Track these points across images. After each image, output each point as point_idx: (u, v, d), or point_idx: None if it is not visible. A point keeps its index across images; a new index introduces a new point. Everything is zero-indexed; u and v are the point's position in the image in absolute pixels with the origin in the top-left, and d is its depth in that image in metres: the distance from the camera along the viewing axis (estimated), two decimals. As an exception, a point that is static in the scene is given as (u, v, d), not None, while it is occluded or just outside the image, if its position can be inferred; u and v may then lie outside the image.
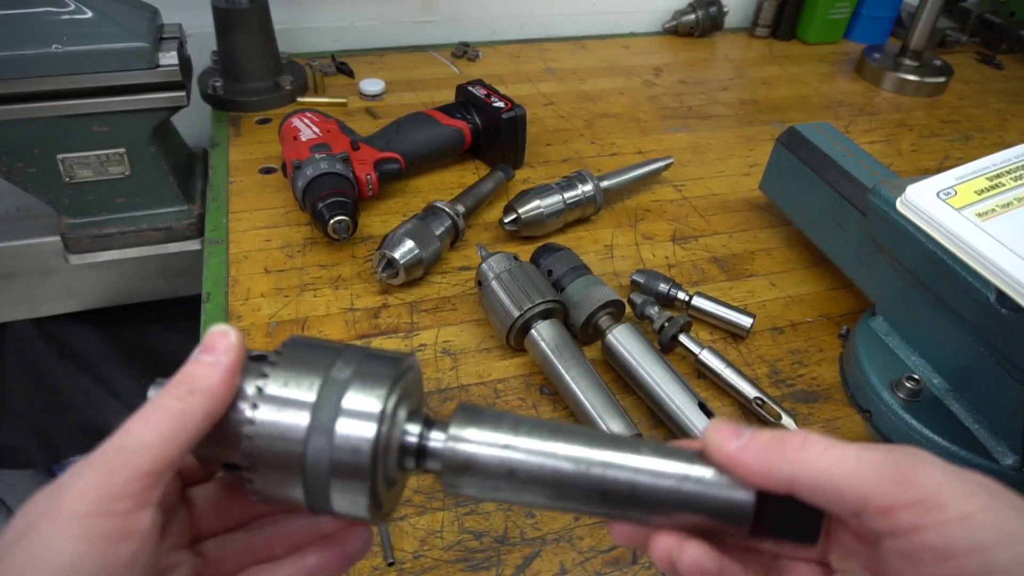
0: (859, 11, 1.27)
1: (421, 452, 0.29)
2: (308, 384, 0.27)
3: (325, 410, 0.27)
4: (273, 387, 0.27)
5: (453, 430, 0.28)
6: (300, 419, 0.27)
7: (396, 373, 0.28)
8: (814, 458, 0.26)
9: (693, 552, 0.27)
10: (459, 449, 0.28)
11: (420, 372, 0.32)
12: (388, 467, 0.29)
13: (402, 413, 0.29)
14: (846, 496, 0.25)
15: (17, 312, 0.97)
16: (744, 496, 0.27)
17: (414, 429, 0.29)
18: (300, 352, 0.29)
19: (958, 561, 0.23)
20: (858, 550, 0.28)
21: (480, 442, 0.28)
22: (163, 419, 0.25)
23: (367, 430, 0.27)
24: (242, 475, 0.28)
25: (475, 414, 0.29)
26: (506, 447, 0.28)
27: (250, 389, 0.28)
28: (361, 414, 0.27)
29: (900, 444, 0.26)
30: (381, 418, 0.27)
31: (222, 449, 0.28)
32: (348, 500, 0.28)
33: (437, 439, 0.29)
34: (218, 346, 0.27)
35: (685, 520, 0.28)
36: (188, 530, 0.30)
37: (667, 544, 0.28)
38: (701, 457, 0.28)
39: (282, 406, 0.27)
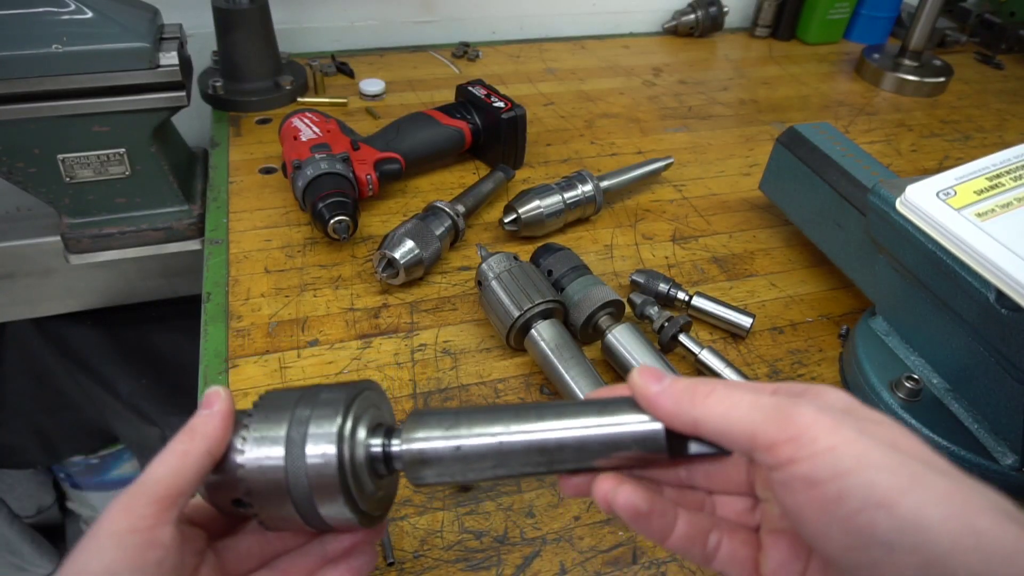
0: (859, 11, 1.27)
1: (387, 458, 0.34)
2: (278, 424, 0.33)
3: (295, 441, 0.32)
4: (253, 432, 0.33)
5: (405, 434, 0.33)
6: (277, 452, 0.33)
7: (348, 399, 0.34)
8: (714, 403, 0.29)
9: (626, 494, 0.31)
10: (413, 448, 0.33)
11: (381, 392, 0.37)
12: (360, 477, 0.33)
13: (362, 429, 0.34)
14: (737, 437, 0.28)
15: (17, 312, 0.97)
16: (656, 426, 0.31)
17: (376, 440, 0.34)
18: (271, 401, 0.35)
19: (821, 488, 0.25)
20: None
21: (428, 437, 0.33)
22: (172, 458, 0.32)
23: (328, 450, 0.32)
24: (249, 510, 0.34)
25: (422, 416, 0.34)
26: (448, 436, 0.33)
27: (237, 441, 0.34)
28: (322, 437, 0.32)
29: (797, 383, 0.29)
30: (339, 438, 0.32)
31: (228, 492, 0.34)
32: (334, 512, 0.33)
33: (396, 444, 0.34)
34: (214, 402, 0.34)
35: (616, 459, 0.31)
36: (204, 537, 0.35)
37: (605, 488, 0.31)
38: (624, 403, 0.32)
39: (261, 444, 0.33)
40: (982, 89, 1.17)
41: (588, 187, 0.75)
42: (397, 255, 0.64)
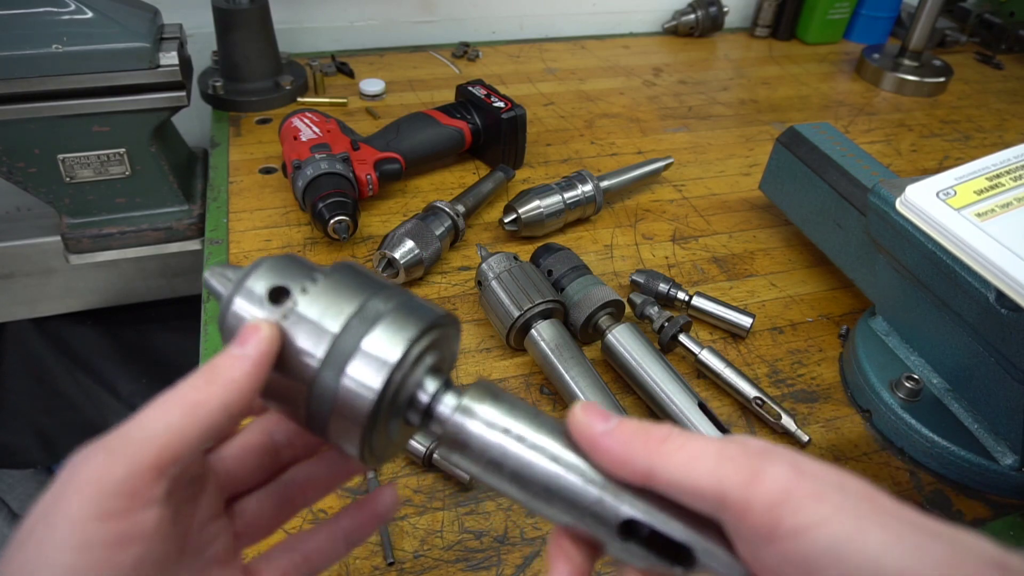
0: (859, 11, 1.27)
1: (428, 412, 0.28)
2: (340, 309, 0.27)
3: (343, 345, 0.26)
4: (304, 305, 0.27)
5: (464, 400, 0.27)
6: (319, 347, 0.26)
7: (428, 323, 0.27)
8: (673, 452, 0.25)
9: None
10: (465, 424, 0.27)
11: (459, 333, 0.31)
12: (392, 416, 0.28)
13: (423, 366, 0.28)
14: (704, 492, 0.24)
15: (17, 312, 0.97)
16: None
17: (430, 388, 0.28)
18: (345, 278, 0.28)
19: (817, 573, 0.22)
20: None
21: (487, 422, 0.27)
22: (175, 409, 0.24)
23: (374, 382, 0.26)
24: None
25: (493, 393, 0.28)
26: (507, 435, 0.27)
27: (288, 301, 0.27)
28: (375, 360, 0.26)
29: (752, 439, 0.25)
30: (396, 367, 0.26)
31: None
32: (342, 437, 0.27)
33: (447, 405, 0.28)
34: (249, 339, 0.26)
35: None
36: (220, 496, 0.29)
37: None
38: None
39: (303, 324, 0.27)
40: (982, 89, 1.17)
41: (588, 187, 0.75)
42: (397, 255, 0.64)
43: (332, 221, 0.67)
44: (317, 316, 0.27)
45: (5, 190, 0.88)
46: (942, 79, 1.12)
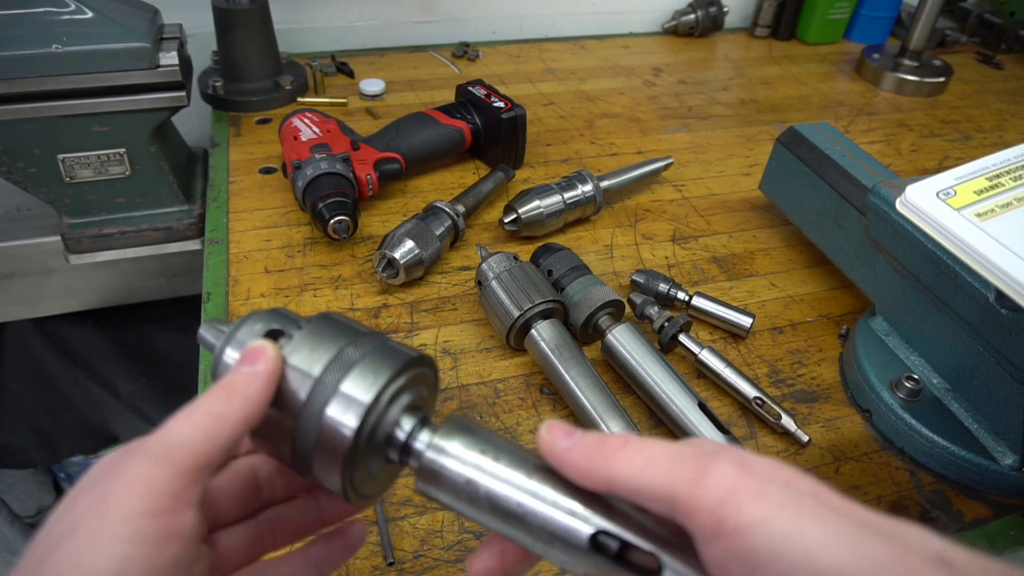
0: (859, 11, 1.27)
1: (405, 449, 0.30)
2: (320, 355, 0.29)
3: (323, 389, 0.28)
4: (288, 352, 0.29)
5: (437, 437, 0.29)
6: (301, 390, 0.29)
7: (400, 366, 0.29)
8: (629, 458, 0.26)
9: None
10: (436, 459, 0.29)
11: (436, 373, 0.33)
12: (369, 455, 0.30)
13: (397, 406, 0.30)
14: (658, 495, 0.25)
15: (17, 312, 0.97)
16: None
17: (406, 424, 0.30)
18: (325, 326, 0.31)
19: (759, 570, 0.23)
20: None
21: (458, 457, 0.29)
22: (204, 420, 0.27)
23: (351, 420, 0.28)
24: None
25: (463, 428, 0.30)
26: (477, 469, 0.28)
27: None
28: (352, 401, 0.28)
29: (708, 441, 0.26)
30: (369, 408, 0.28)
31: None
32: (325, 473, 0.29)
33: (422, 441, 0.30)
34: (258, 359, 0.29)
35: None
36: (206, 523, 0.30)
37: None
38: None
39: (291, 373, 0.29)
40: (982, 89, 1.17)
41: (588, 187, 0.75)
42: (397, 255, 0.64)
43: (332, 221, 0.67)
44: (299, 362, 0.29)
45: (5, 190, 0.88)
46: (942, 79, 1.12)
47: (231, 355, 0.31)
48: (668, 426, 0.55)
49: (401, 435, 0.30)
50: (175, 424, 0.27)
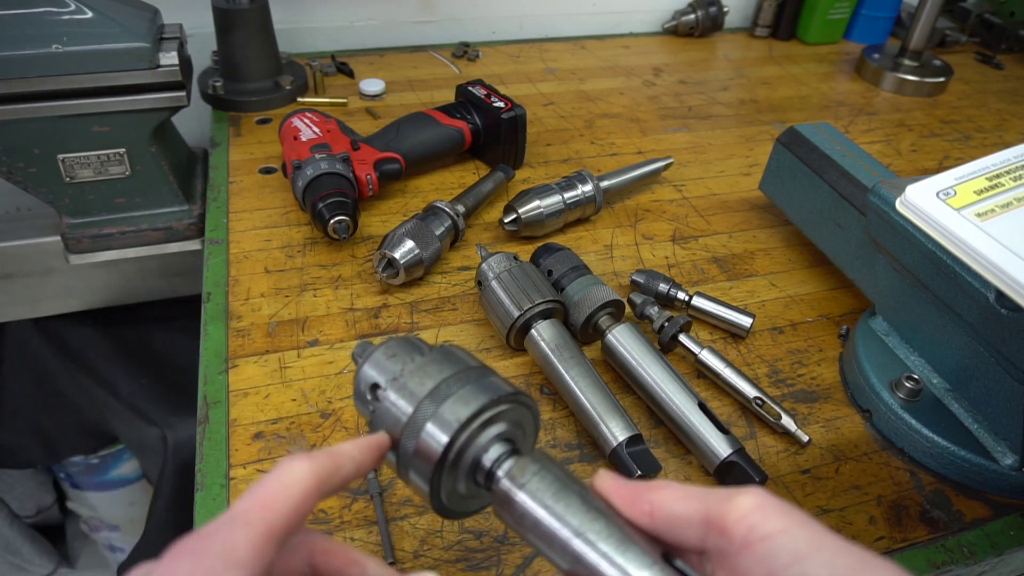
0: (859, 11, 1.27)
1: (489, 474, 0.34)
2: (427, 383, 0.34)
3: (426, 407, 0.33)
4: (407, 374, 0.35)
5: (517, 465, 0.33)
6: (407, 408, 0.34)
7: (493, 398, 0.34)
8: (670, 491, 0.31)
9: None
10: (511, 486, 0.32)
11: (537, 414, 0.37)
12: (457, 475, 0.34)
13: (488, 434, 0.34)
14: (692, 519, 0.30)
15: (17, 312, 0.97)
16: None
17: (493, 453, 0.34)
18: (442, 357, 0.36)
19: (781, 571, 0.27)
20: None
21: (532, 490, 0.32)
22: (301, 489, 0.30)
23: (441, 438, 0.33)
24: (369, 420, 0.36)
25: (544, 464, 0.33)
26: (546, 505, 0.31)
27: (397, 367, 0.36)
28: (445, 422, 0.33)
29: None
30: (458, 430, 0.33)
31: (363, 394, 0.37)
32: (419, 484, 0.34)
33: (503, 469, 0.33)
34: (371, 446, 0.34)
35: None
36: None
37: None
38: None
39: (402, 392, 0.35)
40: (982, 89, 1.17)
41: (588, 187, 0.75)
42: (397, 255, 0.64)
43: (332, 221, 0.67)
44: (414, 384, 0.35)
45: (5, 190, 0.88)
46: (942, 79, 1.12)
47: (368, 370, 0.37)
48: (668, 426, 0.55)
49: (487, 461, 0.34)
50: (276, 482, 0.29)
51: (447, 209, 0.70)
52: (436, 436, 0.33)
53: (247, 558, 0.26)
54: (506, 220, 0.72)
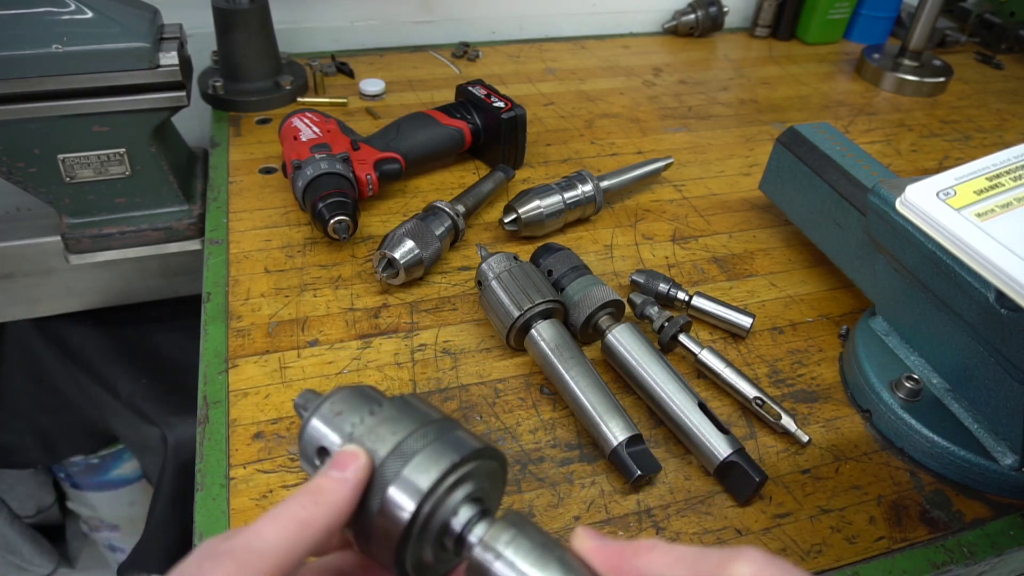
0: (859, 11, 1.27)
1: (460, 539, 0.31)
2: (386, 441, 0.31)
3: (386, 471, 0.30)
4: (361, 435, 0.31)
5: (491, 531, 0.30)
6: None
7: (462, 456, 0.31)
8: (658, 556, 0.28)
9: None
10: (485, 556, 0.30)
11: (505, 467, 0.34)
12: (427, 540, 0.31)
13: (457, 495, 0.31)
14: None
15: (17, 312, 0.97)
16: None
17: (463, 515, 0.31)
18: (400, 410, 0.32)
19: None
20: None
21: (505, 560, 0.29)
22: (289, 525, 0.28)
23: (408, 505, 0.29)
24: None
25: (520, 528, 0.30)
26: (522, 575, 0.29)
27: (347, 426, 0.32)
28: (411, 487, 0.30)
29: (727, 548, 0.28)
30: (426, 495, 0.29)
31: (310, 456, 0.33)
32: (382, 552, 0.30)
33: (476, 535, 0.30)
34: (348, 465, 0.30)
35: None
36: None
37: None
38: None
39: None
40: (982, 89, 1.17)
41: (588, 187, 0.75)
42: (397, 255, 0.64)
43: (332, 221, 0.67)
44: (371, 443, 0.31)
45: (5, 190, 0.88)
46: (942, 79, 1.12)
47: (315, 427, 0.33)
48: (668, 426, 0.55)
49: (457, 526, 0.31)
50: (261, 528, 0.27)
51: (447, 209, 0.70)
52: (400, 504, 0.30)
53: None
54: (506, 220, 0.72)
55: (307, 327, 0.63)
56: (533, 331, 0.58)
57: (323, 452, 0.32)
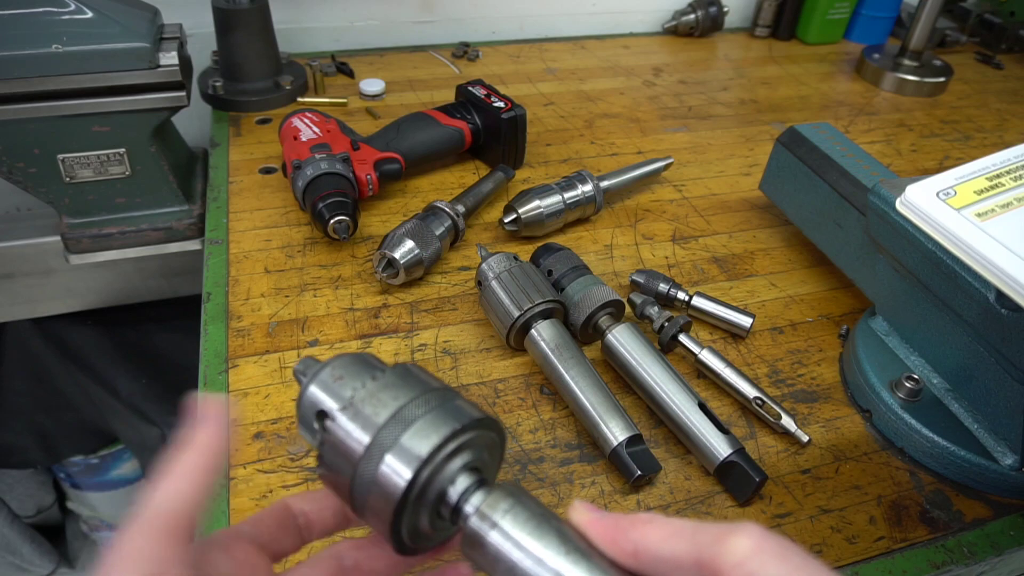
0: (859, 11, 1.27)
1: (456, 509, 0.30)
2: (385, 407, 0.30)
3: (384, 438, 0.30)
4: (360, 400, 0.31)
5: (488, 499, 0.30)
6: (363, 438, 0.30)
7: (462, 425, 0.30)
8: (656, 529, 0.28)
9: None
10: (481, 525, 0.29)
11: (503, 439, 0.34)
12: (422, 508, 0.30)
13: (455, 464, 0.31)
14: (682, 561, 0.27)
15: (17, 312, 0.97)
16: None
17: (460, 484, 0.31)
18: (400, 378, 0.32)
19: None
20: None
21: (501, 530, 0.29)
22: (171, 482, 0.28)
23: (404, 472, 0.29)
24: (317, 446, 0.32)
25: (518, 497, 0.30)
26: (521, 547, 0.28)
27: (347, 391, 0.31)
28: (408, 454, 0.29)
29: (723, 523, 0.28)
30: (423, 464, 0.29)
31: (309, 423, 0.32)
32: (377, 519, 0.30)
33: (472, 504, 0.30)
34: (210, 416, 0.30)
35: None
36: None
37: None
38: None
39: (356, 419, 0.30)
40: (982, 89, 1.17)
41: (588, 187, 0.75)
42: (397, 255, 0.64)
43: (332, 221, 0.67)
44: (370, 410, 0.31)
45: (5, 190, 0.88)
46: (942, 79, 1.12)
47: (314, 392, 0.32)
48: (668, 426, 0.55)
49: (454, 495, 0.31)
50: (154, 490, 0.28)
51: (447, 209, 0.70)
52: (398, 470, 0.29)
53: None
54: (506, 220, 0.72)
55: (307, 327, 0.63)
56: (533, 331, 0.58)
57: (322, 416, 0.32)
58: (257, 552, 0.32)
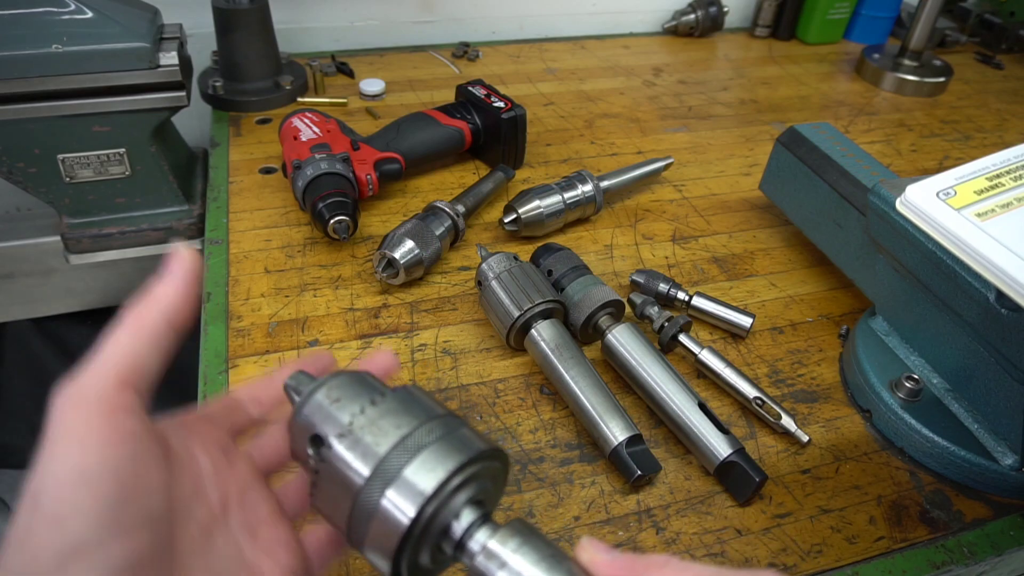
0: (859, 11, 1.27)
1: (460, 545, 0.29)
2: (387, 436, 0.29)
3: (386, 469, 0.28)
4: (360, 425, 0.30)
5: (495, 538, 0.29)
6: (363, 469, 0.29)
7: (468, 458, 0.29)
8: (671, 575, 0.26)
9: None
10: (488, 565, 0.28)
11: (507, 467, 0.33)
12: (426, 542, 0.29)
13: (461, 498, 0.29)
14: None
15: (17, 312, 0.97)
16: None
17: (465, 519, 0.29)
18: (402, 403, 0.31)
19: None
20: None
21: (509, 569, 0.28)
22: (124, 334, 0.28)
23: (408, 509, 0.28)
24: (311, 473, 0.30)
25: (526, 536, 0.29)
26: None
27: (345, 416, 0.30)
28: (412, 489, 0.28)
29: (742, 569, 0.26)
30: (429, 499, 0.28)
31: (302, 447, 0.31)
32: (376, 553, 0.29)
33: (477, 541, 0.29)
34: (175, 265, 0.30)
35: None
36: (259, 473, 0.33)
37: None
38: None
39: (356, 448, 0.29)
40: (982, 89, 1.17)
41: (588, 187, 0.75)
42: (397, 255, 0.64)
43: (332, 221, 0.67)
44: (371, 439, 0.29)
45: (5, 190, 0.88)
46: (942, 79, 1.12)
47: (309, 416, 0.31)
48: (668, 426, 0.55)
49: (458, 530, 0.29)
50: (102, 347, 0.28)
51: (447, 209, 0.70)
52: (400, 506, 0.28)
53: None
54: (506, 220, 0.72)
55: (307, 327, 0.63)
56: (533, 331, 0.58)
57: (318, 441, 0.30)
58: (218, 428, 0.33)
